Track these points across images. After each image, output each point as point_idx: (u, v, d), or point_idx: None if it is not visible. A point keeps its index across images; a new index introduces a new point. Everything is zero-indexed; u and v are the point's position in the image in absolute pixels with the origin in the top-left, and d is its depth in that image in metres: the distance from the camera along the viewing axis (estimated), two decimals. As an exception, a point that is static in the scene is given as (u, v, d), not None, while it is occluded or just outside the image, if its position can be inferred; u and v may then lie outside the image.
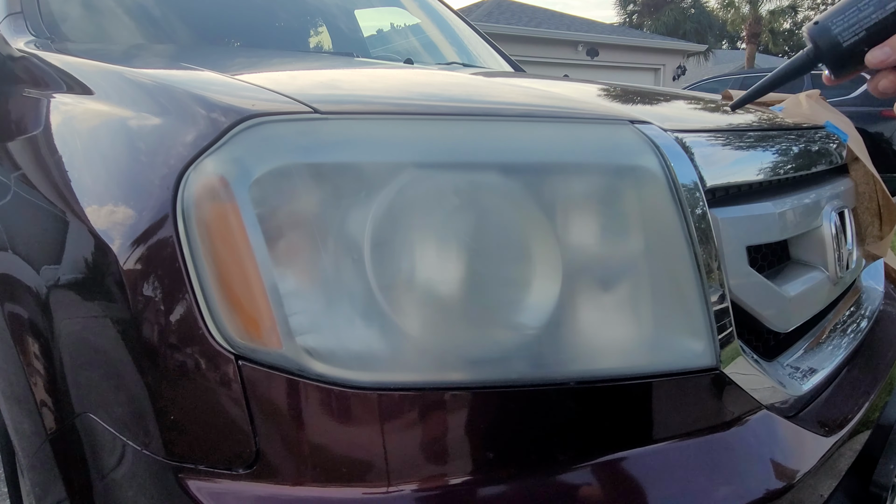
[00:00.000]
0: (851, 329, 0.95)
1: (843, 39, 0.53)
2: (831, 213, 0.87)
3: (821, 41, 0.54)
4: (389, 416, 0.53)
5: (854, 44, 0.53)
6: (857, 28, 0.52)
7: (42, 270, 0.69)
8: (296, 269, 0.53)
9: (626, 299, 0.60)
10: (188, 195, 0.55)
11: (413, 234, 0.54)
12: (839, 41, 0.53)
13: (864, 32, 0.52)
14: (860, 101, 6.07)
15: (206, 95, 0.61)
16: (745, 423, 0.66)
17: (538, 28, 14.63)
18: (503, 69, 2.03)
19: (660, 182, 0.61)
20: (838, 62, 0.55)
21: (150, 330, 0.56)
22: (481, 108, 0.67)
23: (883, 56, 0.51)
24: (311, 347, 0.52)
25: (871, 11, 0.51)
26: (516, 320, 0.56)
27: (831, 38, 0.54)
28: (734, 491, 0.61)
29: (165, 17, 1.53)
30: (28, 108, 0.88)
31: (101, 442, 0.61)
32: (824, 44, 0.54)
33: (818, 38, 0.55)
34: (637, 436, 0.61)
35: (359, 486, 0.54)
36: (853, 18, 0.52)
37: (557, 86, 1.03)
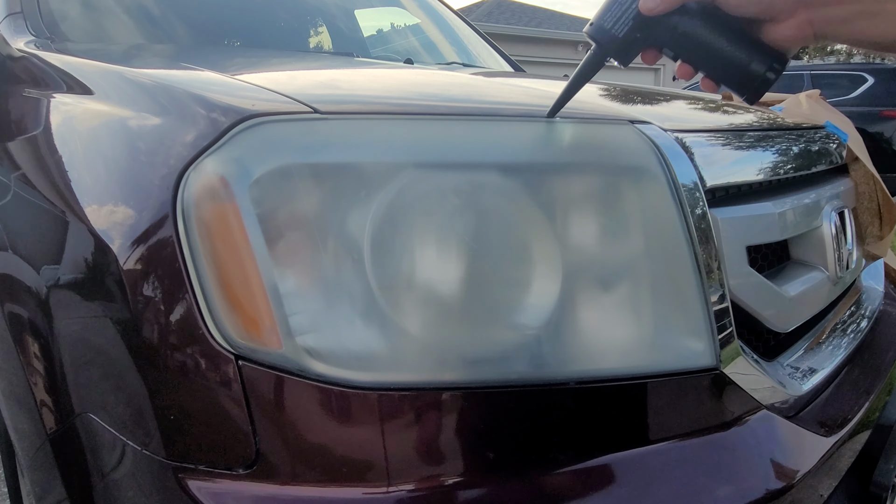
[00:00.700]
0: (851, 329, 0.95)
1: (618, 31, 0.58)
2: (831, 213, 0.87)
3: (600, 38, 0.59)
4: (389, 416, 0.53)
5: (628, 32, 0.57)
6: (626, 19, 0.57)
7: (42, 270, 0.69)
8: (296, 269, 0.53)
9: (625, 299, 0.60)
10: (188, 195, 0.55)
11: (413, 234, 0.54)
12: (615, 34, 0.58)
13: (630, 21, 0.57)
14: (860, 101, 6.08)
15: (206, 95, 0.61)
16: (745, 423, 0.66)
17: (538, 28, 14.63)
18: (503, 69, 2.03)
19: (660, 182, 0.61)
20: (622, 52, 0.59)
21: (150, 330, 0.56)
22: (481, 108, 0.67)
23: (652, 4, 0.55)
24: (311, 347, 0.52)
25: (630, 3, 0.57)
26: (516, 320, 0.56)
27: (607, 33, 0.58)
28: (734, 491, 0.61)
29: (165, 17, 1.53)
30: (28, 108, 0.88)
31: (101, 442, 0.61)
32: (604, 40, 0.59)
33: (597, 36, 0.59)
34: (637, 436, 0.61)
35: (359, 486, 0.54)
36: (619, 12, 0.57)
37: (557, 86, 1.03)
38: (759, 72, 0.56)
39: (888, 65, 6.71)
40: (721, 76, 0.58)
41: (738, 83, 0.58)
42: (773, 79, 0.56)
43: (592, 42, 0.60)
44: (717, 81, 0.59)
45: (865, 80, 6.23)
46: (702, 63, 0.59)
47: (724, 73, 0.58)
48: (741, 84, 0.57)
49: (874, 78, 6.23)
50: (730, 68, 0.57)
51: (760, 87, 0.57)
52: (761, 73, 0.56)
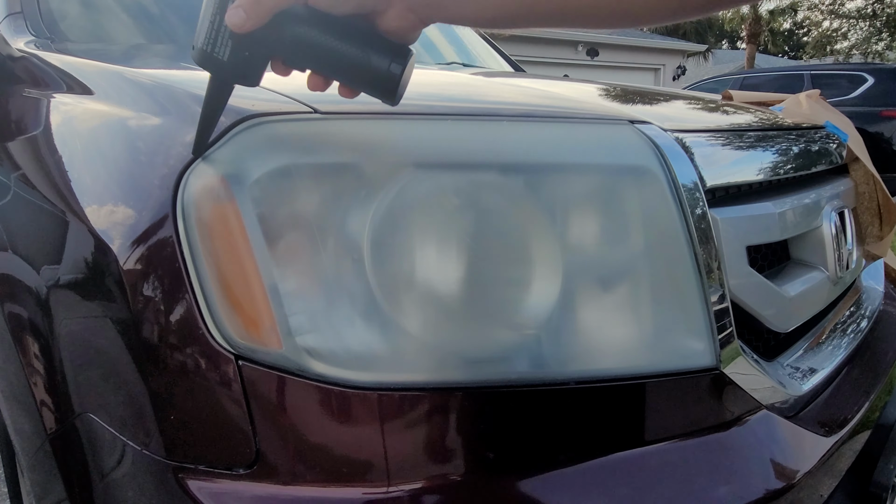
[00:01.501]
0: (851, 329, 0.95)
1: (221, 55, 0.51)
2: (831, 213, 0.87)
3: (206, 64, 0.52)
4: (389, 416, 0.53)
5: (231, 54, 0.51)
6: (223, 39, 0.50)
7: (42, 270, 0.69)
8: (296, 269, 0.53)
9: (626, 299, 0.60)
10: (188, 195, 0.55)
11: (413, 234, 0.54)
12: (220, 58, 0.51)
13: (230, 41, 0.50)
14: (860, 101, 6.08)
15: (206, 95, 0.61)
16: (745, 423, 0.66)
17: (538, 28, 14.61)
18: (503, 69, 2.03)
19: (660, 182, 0.61)
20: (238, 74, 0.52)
21: (150, 330, 0.56)
22: (481, 108, 0.67)
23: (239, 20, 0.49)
24: (311, 347, 0.52)
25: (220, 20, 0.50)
26: (516, 320, 0.56)
27: (211, 57, 0.51)
28: (734, 491, 0.61)
29: (165, 17, 1.53)
30: (28, 108, 0.88)
31: (101, 442, 0.61)
32: (211, 66, 0.52)
33: (205, 64, 0.52)
34: (637, 436, 0.61)
35: (359, 486, 0.54)
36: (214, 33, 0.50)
37: (557, 86, 1.03)
38: (381, 67, 0.52)
39: (888, 65, 6.71)
40: (348, 79, 0.54)
41: (367, 84, 0.54)
42: (399, 72, 0.52)
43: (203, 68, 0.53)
44: (349, 86, 0.55)
45: (865, 80, 6.24)
46: (326, 69, 0.54)
47: (349, 75, 0.53)
48: (370, 84, 0.53)
49: (874, 78, 6.23)
50: (352, 69, 0.53)
51: (389, 84, 0.53)
52: (384, 69, 0.52)
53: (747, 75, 7.87)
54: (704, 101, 1.07)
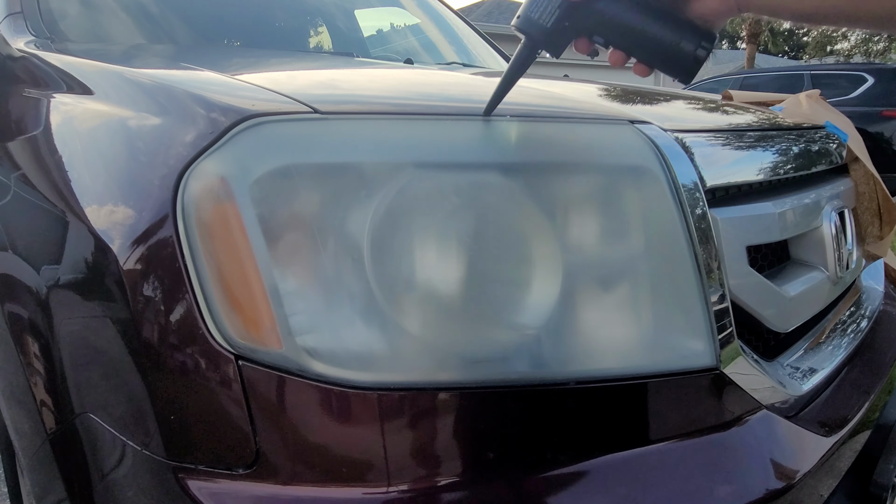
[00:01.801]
0: (851, 329, 0.95)
1: (546, 21, 0.58)
2: (831, 213, 0.87)
3: (529, 30, 0.60)
4: (389, 416, 0.53)
5: (555, 22, 0.58)
6: (552, 8, 0.58)
7: (42, 270, 0.69)
8: (296, 269, 0.53)
9: (626, 299, 0.60)
10: (188, 195, 0.55)
11: (413, 234, 0.54)
12: (543, 24, 0.59)
13: (557, 10, 0.58)
14: (860, 101, 6.08)
15: (206, 95, 0.61)
16: (745, 423, 0.66)
17: (538, 28, 14.60)
18: (503, 69, 2.03)
19: (660, 182, 0.61)
20: (552, 43, 0.60)
21: (150, 330, 0.56)
22: (481, 108, 0.67)
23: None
24: (310, 347, 0.52)
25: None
26: (516, 320, 0.56)
27: (536, 24, 0.59)
28: (734, 491, 0.61)
29: (165, 17, 1.53)
30: (28, 108, 0.88)
31: (101, 442, 0.61)
32: (533, 31, 0.59)
33: (527, 28, 0.60)
34: (637, 436, 0.61)
35: (359, 486, 0.54)
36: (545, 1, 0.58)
37: (557, 86, 1.03)
38: (688, 51, 0.56)
39: (888, 65, 6.71)
40: (652, 59, 0.59)
41: (669, 64, 0.58)
42: (704, 56, 0.56)
43: (521, 35, 0.60)
44: (649, 65, 0.60)
45: (865, 80, 6.23)
46: (632, 47, 0.59)
47: (655, 55, 0.58)
48: (673, 65, 0.58)
49: (874, 78, 6.22)
50: (659, 50, 0.57)
51: (692, 66, 0.57)
52: (691, 52, 0.56)
53: (747, 75, 7.87)
54: (704, 101, 1.07)
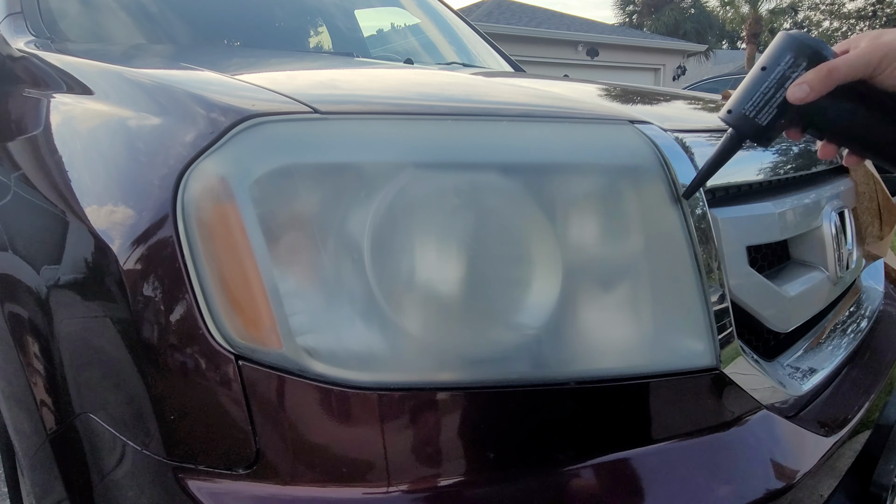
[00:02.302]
0: (851, 329, 0.95)
1: (761, 120, 0.58)
2: (831, 213, 0.87)
3: (741, 126, 0.59)
4: (389, 416, 0.53)
5: (772, 120, 0.58)
6: (770, 108, 0.58)
7: (42, 270, 0.69)
8: (296, 269, 0.53)
9: (626, 299, 0.60)
10: (188, 195, 0.55)
11: (413, 234, 0.54)
12: (758, 123, 0.59)
13: (775, 110, 0.58)
14: (860, 101, 6.06)
15: (206, 95, 0.61)
16: (745, 423, 0.66)
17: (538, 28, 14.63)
18: (503, 69, 2.03)
19: (660, 182, 0.61)
20: (763, 136, 0.60)
21: (150, 330, 0.56)
22: (481, 108, 0.67)
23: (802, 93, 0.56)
24: (311, 347, 0.52)
25: (774, 92, 0.58)
26: (516, 320, 0.56)
27: (749, 121, 0.59)
28: (734, 491, 0.61)
29: (165, 16, 1.53)
30: (28, 108, 0.88)
31: (101, 442, 0.61)
32: (746, 128, 0.59)
33: (738, 124, 0.59)
34: (637, 436, 0.61)
35: (359, 486, 0.54)
36: (762, 101, 0.58)
37: (557, 86, 1.03)
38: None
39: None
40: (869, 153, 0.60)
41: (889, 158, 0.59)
42: None
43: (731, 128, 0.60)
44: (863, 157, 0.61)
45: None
46: (850, 142, 0.60)
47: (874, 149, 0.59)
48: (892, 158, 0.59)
49: (874, 78, 6.21)
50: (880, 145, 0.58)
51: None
52: None
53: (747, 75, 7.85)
54: (704, 101, 1.07)
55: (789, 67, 0.58)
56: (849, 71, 0.56)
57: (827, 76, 0.56)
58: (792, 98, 0.57)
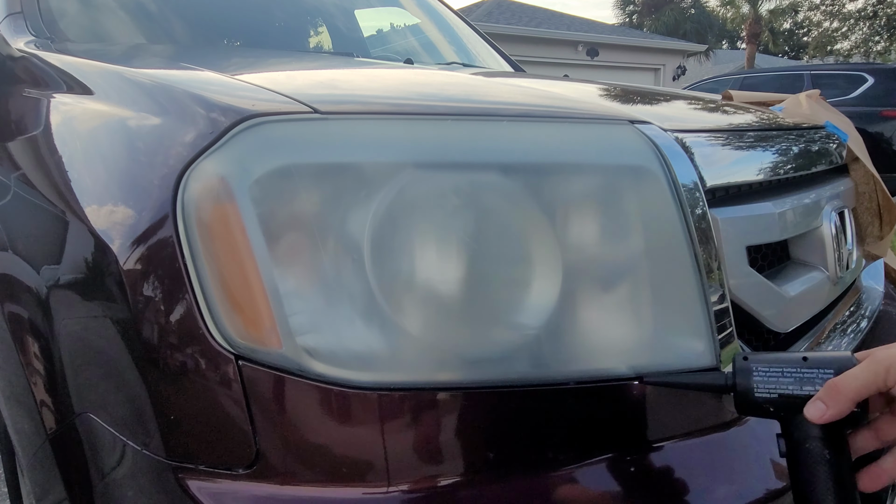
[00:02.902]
0: (851, 329, 0.95)
1: (758, 391, 0.54)
2: (831, 213, 0.87)
3: (739, 378, 0.55)
4: (389, 416, 0.53)
5: (764, 399, 0.54)
6: (773, 389, 0.53)
7: (42, 270, 0.69)
8: (296, 269, 0.53)
9: (626, 299, 0.60)
10: (188, 195, 0.55)
11: (413, 234, 0.54)
12: (752, 388, 0.54)
13: (776, 395, 0.53)
14: (860, 101, 6.08)
15: (206, 95, 0.61)
16: (745, 423, 0.66)
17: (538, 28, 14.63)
18: (503, 69, 2.03)
19: (660, 182, 0.61)
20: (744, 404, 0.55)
21: (150, 330, 0.56)
22: (481, 108, 0.67)
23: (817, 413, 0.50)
24: (311, 347, 0.52)
25: (789, 382, 0.53)
26: (516, 320, 0.56)
27: (748, 382, 0.54)
28: (734, 491, 0.61)
29: (165, 16, 1.53)
30: (28, 108, 0.88)
31: (101, 442, 0.61)
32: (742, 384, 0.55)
33: (739, 373, 0.55)
34: (637, 436, 0.61)
35: (359, 486, 0.54)
36: (774, 378, 0.54)
37: (557, 86, 1.03)
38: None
39: (888, 65, 6.71)
40: None
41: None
42: None
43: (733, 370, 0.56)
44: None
45: (865, 80, 6.24)
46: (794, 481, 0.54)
47: None
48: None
49: (874, 78, 6.23)
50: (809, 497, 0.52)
51: None
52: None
53: (747, 75, 7.87)
54: (704, 101, 1.07)
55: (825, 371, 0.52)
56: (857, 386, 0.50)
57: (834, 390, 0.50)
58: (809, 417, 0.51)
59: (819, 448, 0.52)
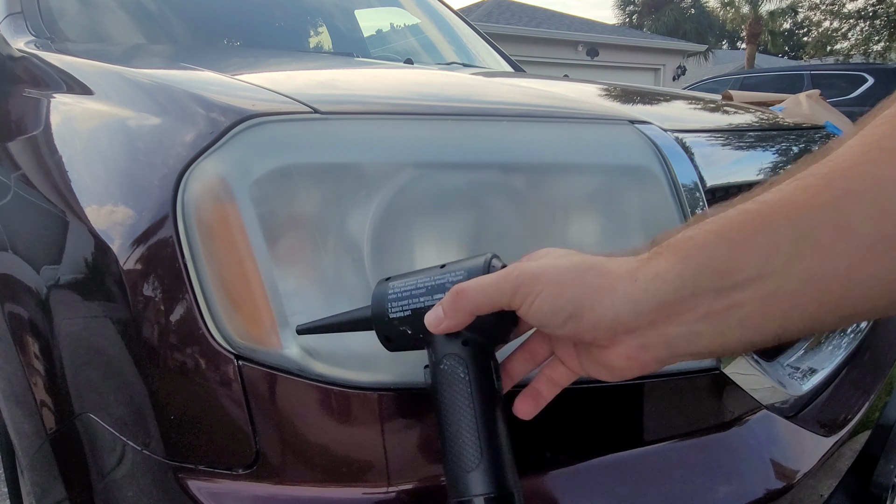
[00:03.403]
0: (851, 329, 0.95)
1: (392, 311, 0.46)
2: (831, 213, 0.87)
3: (375, 303, 0.47)
4: (389, 416, 0.53)
5: (399, 319, 0.46)
6: (407, 304, 0.46)
7: (42, 270, 0.69)
8: (296, 269, 0.53)
9: (626, 299, 0.59)
10: (188, 195, 0.55)
11: (413, 233, 0.54)
12: (387, 310, 0.46)
13: (409, 312, 0.45)
14: (860, 101, 6.08)
15: (206, 95, 0.61)
16: (745, 423, 0.66)
17: (538, 28, 14.63)
18: (503, 69, 2.03)
19: (660, 182, 0.61)
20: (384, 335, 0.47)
21: (150, 330, 0.56)
22: (481, 108, 0.67)
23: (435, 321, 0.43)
24: (311, 347, 0.52)
25: (422, 293, 0.45)
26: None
27: (383, 304, 0.46)
28: (734, 491, 0.61)
29: (165, 16, 1.53)
30: (28, 108, 0.88)
31: (101, 442, 0.61)
32: (377, 307, 0.47)
33: (376, 297, 0.47)
34: (637, 436, 0.61)
35: (359, 486, 0.54)
36: (407, 293, 0.46)
37: (557, 86, 1.03)
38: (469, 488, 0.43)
39: (888, 65, 6.72)
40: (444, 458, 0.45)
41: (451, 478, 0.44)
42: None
43: None
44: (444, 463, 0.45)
45: (865, 80, 6.24)
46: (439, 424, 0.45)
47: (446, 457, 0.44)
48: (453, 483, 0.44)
49: (874, 78, 6.23)
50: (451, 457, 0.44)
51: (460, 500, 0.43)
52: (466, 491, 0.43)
53: (747, 75, 7.87)
54: (704, 101, 1.07)
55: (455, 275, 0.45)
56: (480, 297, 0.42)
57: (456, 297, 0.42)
58: (428, 324, 0.44)
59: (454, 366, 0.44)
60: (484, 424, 0.44)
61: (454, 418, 0.44)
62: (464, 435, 0.43)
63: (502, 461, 0.44)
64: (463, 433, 0.43)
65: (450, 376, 0.45)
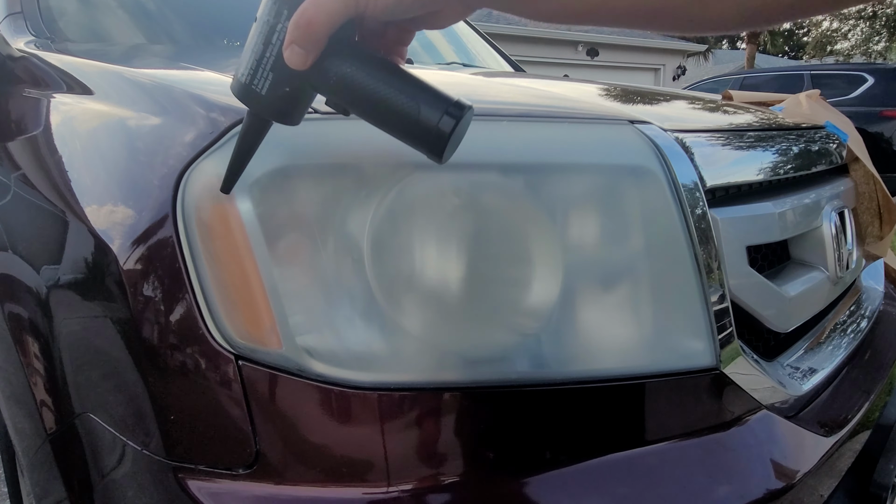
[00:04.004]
0: (851, 329, 0.95)
1: (259, 88, 0.46)
2: (831, 213, 0.87)
3: (245, 98, 0.47)
4: (389, 416, 0.53)
5: (270, 88, 0.45)
6: (263, 71, 0.45)
7: (42, 270, 0.69)
8: (296, 269, 0.53)
9: (626, 299, 0.60)
10: (188, 195, 0.55)
11: (413, 234, 0.54)
12: (258, 92, 0.46)
13: (271, 73, 0.45)
14: (860, 101, 6.08)
15: (206, 95, 0.61)
16: (745, 423, 0.66)
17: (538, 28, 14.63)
18: (503, 69, 2.03)
19: (660, 182, 0.61)
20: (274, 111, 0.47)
21: (150, 330, 0.56)
22: (481, 108, 0.67)
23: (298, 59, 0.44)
24: (310, 347, 0.52)
25: (262, 51, 0.45)
26: (516, 320, 0.56)
27: (249, 90, 0.46)
28: (734, 491, 0.61)
29: (165, 16, 1.53)
30: (28, 108, 0.88)
31: (101, 442, 0.61)
32: (249, 100, 0.46)
33: (241, 95, 0.47)
34: (637, 436, 0.61)
35: (359, 486, 0.54)
36: (255, 64, 0.45)
37: (557, 86, 1.03)
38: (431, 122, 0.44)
39: (888, 65, 6.72)
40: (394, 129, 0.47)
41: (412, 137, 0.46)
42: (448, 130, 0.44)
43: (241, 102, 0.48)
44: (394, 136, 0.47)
45: (865, 80, 6.24)
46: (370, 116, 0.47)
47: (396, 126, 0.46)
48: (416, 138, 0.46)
49: (874, 78, 6.23)
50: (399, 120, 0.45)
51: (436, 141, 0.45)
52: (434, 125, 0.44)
53: (747, 75, 7.87)
54: (704, 101, 1.07)
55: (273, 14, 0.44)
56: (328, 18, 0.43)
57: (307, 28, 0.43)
58: (292, 65, 0.44)
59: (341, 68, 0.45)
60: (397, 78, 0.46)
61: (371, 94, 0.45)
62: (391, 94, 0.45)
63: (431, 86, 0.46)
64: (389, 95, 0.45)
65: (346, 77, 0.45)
